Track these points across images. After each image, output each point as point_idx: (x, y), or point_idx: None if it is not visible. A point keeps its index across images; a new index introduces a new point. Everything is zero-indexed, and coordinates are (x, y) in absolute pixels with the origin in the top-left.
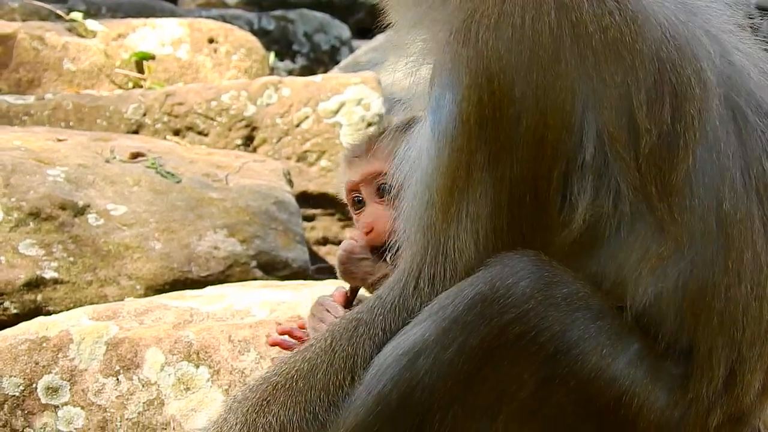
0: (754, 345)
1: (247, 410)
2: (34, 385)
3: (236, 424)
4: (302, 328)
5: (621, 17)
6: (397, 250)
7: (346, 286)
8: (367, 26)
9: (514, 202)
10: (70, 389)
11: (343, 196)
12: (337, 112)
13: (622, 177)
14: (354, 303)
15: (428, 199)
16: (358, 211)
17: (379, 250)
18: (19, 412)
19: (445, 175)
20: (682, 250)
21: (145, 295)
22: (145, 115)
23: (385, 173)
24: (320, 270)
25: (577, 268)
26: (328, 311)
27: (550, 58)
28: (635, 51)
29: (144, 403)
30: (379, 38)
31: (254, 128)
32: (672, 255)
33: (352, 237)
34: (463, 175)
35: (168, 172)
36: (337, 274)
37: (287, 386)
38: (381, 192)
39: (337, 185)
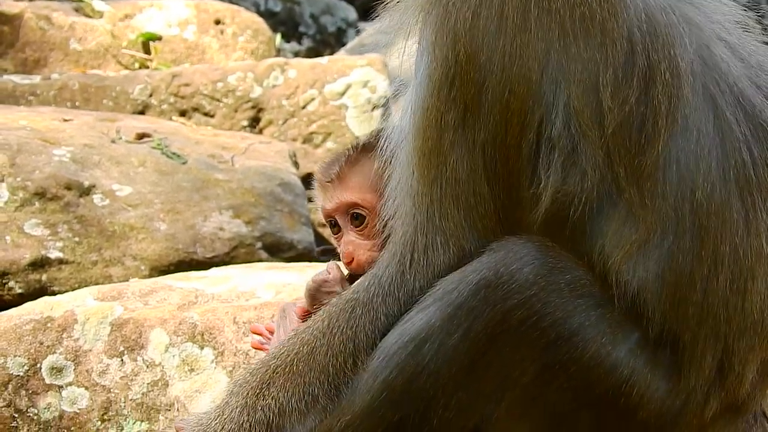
0: (742, 337)
1: (248, 393)
2: (38, 365)
3: (237, 407)
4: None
5: None
6: (386, 223)
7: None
8: (373, 8)
9: (488, 170)
10: (74, 369)
11: (322, 217)
12: (343, 94)
13: (589, 156)
14: None
15: (409, 162)
16: (336, 235)
17: (354, 280)
18: (23, 392)
19: (419, 137)
20: (656, 238)
21: (150, 275)
22: (151, 95)
23: (361, 204)
24: (325, 252)
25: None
26: (285, 318)
27: (517, 27)
28: (605, 30)
29: (148, 384)
30: (385, 20)
31: (260, 110)
32: (646, 242)
33: (328, 268)
34: (436, 136)
35: (174, 153)
36: (305, 300)
37: (286, 369)
38: (357, 221)
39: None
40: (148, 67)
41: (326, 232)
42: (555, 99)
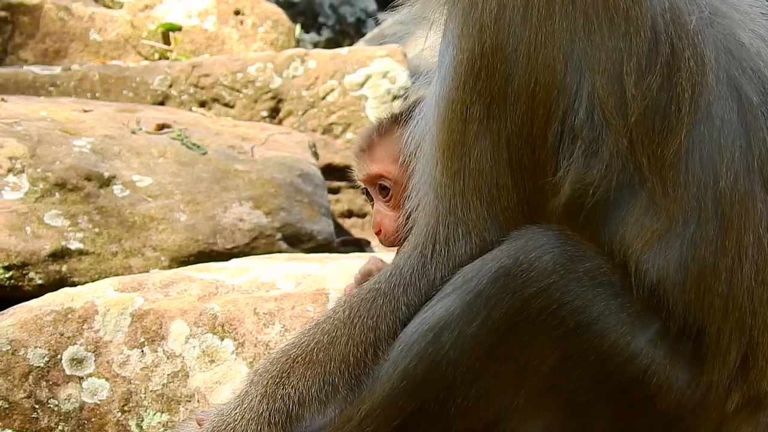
0: (767, 330)
1: (267, 382)
2: (58, 356)
3: (257, 396)
4: None
5: None
6: (409, 215)
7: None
8: None
9: (513, 160)
10: (94, 360)
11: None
12: (362, 84)
13: (612, 145)
14: None
15: (433, 154)
16: (372, 203)
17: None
18: (44, 383)
19: (444, 129)
20: (678, 228)
21: (170, 266)
22: (171, 86)
23: (385, 175)
24: (345, 242)
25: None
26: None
27: (542, 17)
28: (629, 18)
29: (168, 375)
30: (404, 11)
31: (280, 100)
32: (667, 231)
33: (371, 261)
34: (461, 128)
35: (193, 144)
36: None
37: (306, 359)
38: (384, 192)
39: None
40: (167, 58)
41: (346, 222)
42: (579, 88)
